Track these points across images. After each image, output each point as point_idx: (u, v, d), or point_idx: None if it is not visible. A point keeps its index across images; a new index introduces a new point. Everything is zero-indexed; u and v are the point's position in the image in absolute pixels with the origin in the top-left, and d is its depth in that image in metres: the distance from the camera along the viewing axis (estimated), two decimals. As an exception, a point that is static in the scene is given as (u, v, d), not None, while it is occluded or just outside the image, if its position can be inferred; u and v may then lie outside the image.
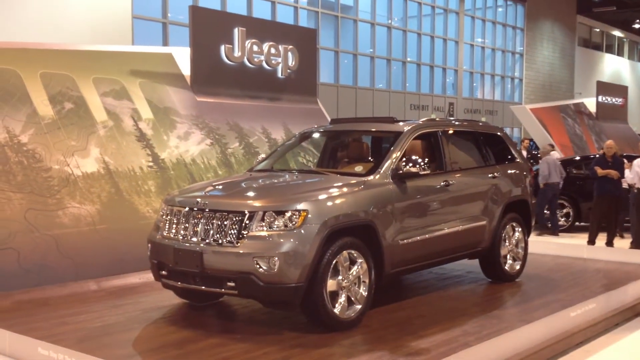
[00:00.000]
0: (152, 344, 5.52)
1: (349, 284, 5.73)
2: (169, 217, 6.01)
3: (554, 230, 12.68)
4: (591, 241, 10.96)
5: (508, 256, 7.59)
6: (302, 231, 5.42)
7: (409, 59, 28.40)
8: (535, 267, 8.23)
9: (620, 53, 44.17)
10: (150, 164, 8.75)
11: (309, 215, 5.46)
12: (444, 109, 29.20)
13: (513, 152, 8.01)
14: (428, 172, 6.46)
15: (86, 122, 8.44)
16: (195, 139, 9.52)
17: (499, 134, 8.04)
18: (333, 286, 5.60)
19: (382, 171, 6.23)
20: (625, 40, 44.47)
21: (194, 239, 5.69)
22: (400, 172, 6.26)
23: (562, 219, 13.19)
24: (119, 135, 8.67)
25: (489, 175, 7.40)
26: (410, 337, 5.50)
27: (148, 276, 7.18)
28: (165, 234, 5.97)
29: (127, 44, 16.75)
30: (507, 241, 7.54)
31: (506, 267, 7.56)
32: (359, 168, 6.53)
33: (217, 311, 6.46)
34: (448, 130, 7.20)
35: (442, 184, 6.74)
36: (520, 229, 7.73)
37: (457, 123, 7.66)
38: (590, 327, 5.97)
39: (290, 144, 7.69)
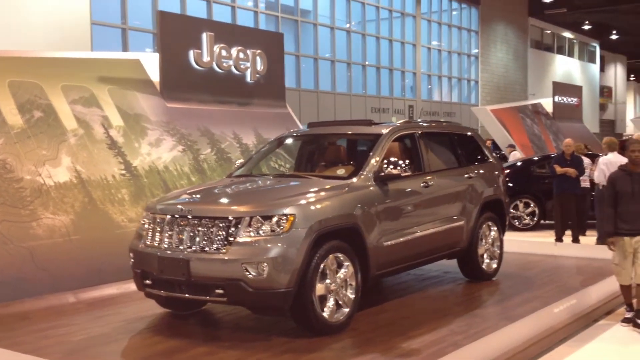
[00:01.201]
0: (140, 354, 5.45)
1: (337, 287, 5.74)
2: (151, 225, 5.94)
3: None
4: (559, 239, 11.19)
5: (485, 255, 7.72)
6: (290, 235, 5.41)
7: (368, 63, 28.60)
8: (509, 266, 8.36)
9: (570, 54, 45.25)
10: (123, 172, 8.62)
11: (297, 220, 5.46)
12: (404, 111, 29.46)
13: (486, 152, 8.14)
14: (409, 173, 6.52)
15: (56, 130, 8.27)
16: (167, 146, 9.42)
17: (471, 134, 8.16)
18: (321, 290, 5.60)
19: (364, 174, 6.27)
20: (575, 41, 45.58)
21: (179, 247, 5.63)
22: (382, 174, 6.31)
23: (528, 218, 13.43)
24: (90, 143, 8.52)
25: (465, 176, 7.51)
26: (400, 339, 5.54)
27: (127, 286, 7.10)
28: (148, 243, 5.89)
29: (86, 50, 16.47)
30: (483, 240, 7.66)
31: (483, 266, 7.68)
32: (341, 171, 6.56)
33: (201, 319, 6.40)
34: (424, 132, 7.28)
35: (421, 185, 6.81)
36: (495, 228, 7.86)
37: (432, 124, 7.76)
38: (573, 322, 6.10)
39: (268, 148, 7.68)
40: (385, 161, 6.38)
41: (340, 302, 5.77)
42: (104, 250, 7.67)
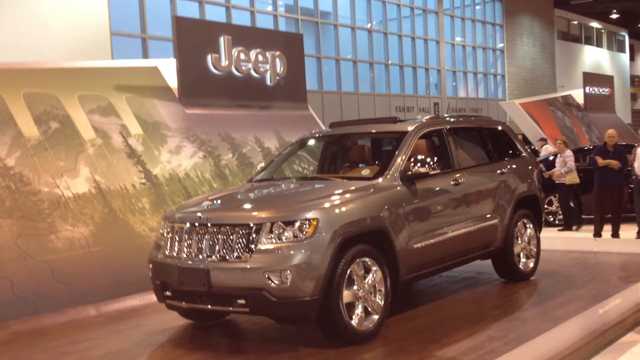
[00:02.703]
0: (161, 370, 5.20)
1: (365, 293, 5.44)
2: (169, 234, 5.70)
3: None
4: (597, 234, 10.74)
5: (521, 254, 7.34)
6: (314, 241, 5.13)
7: (391, 62, 28.23)
8: (547, 264, 7.97)
9: (599, 44, 44.32)
10: (143, 180, 8.42)
11: (320, 224, 5.18)
12: (429, 109, 29.03)
13: (518, 146, 7.77)
14: (437, 171, 6.19)
15: (74, 141, 8.09)
16: (187, 153, 9.20)
17: (503, 128, 7.79)
18: (349, 297, 5.31)
19: (390, 173, 5.96)
20: (603, 31, 44.64)
21: (199, 256, 5.38)
22: (409, 173, 6.00)
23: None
24: (109, 152, 8.34)
25: (498, 172, 7.15)
26: (434, 346, 5.21)
27: (149, 297, 6.87)
28: (167, 253, 5.65)
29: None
30: (519, 239, 7.29)
31: (520, 266, 7.31)
32: (365, 171, 6.25)
33: (225, 330, 6.14)
34: (453, 127, 6.94)
35: (451, 183, 6.47)
36: (531, 225, 7.49)
37: (460, 119, 7.41)
38: (619, 323, 5.71)
39: (289, 151, 7.40)
40: (412, 159, 6.06)
41: (369, 309, 5.47)
42: (125, 261, 7.46)
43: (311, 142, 7.54)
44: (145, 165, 8.58)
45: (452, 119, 7.18)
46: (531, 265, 7.45)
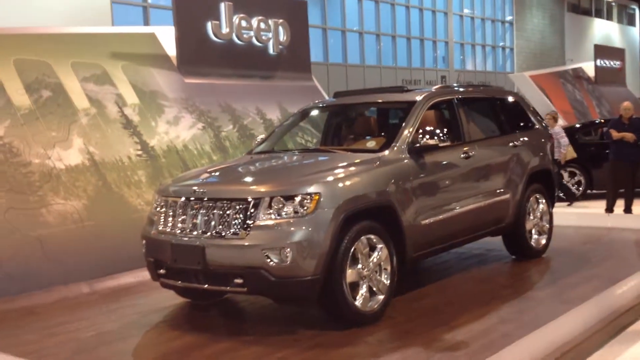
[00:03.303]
0: (153, 352, 4.93)
1: (370, 272, 5.12)
2: (163, 209, 5.38)
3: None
4: (609, 209, 10.39)
5: (533, 230, 7.01)
6: (316, 217, 4.80)
7: (398, 33, 27.68)
8: (559, 240, 7.62)
9: (609, 17, 43.53)
10: (139, 152, 8.09)
11: (322, 199, 4.84)
12: (437, 82, 28.54)
13: (532, 118, 7.39)
14: (447, 143, 5.84)
15: (66, 110, 7.75)
16: (185, 124, 8.85)
17: (515, 98, 7.41)
18: (353, 276, 4.99)
19: (397, 145, 5.61)
20: (613, 4, 43.83)
21: (194, 233, 5.06)
22: (418, 145, 5.65)
23: (574, 188, 12.62)
24: (104, 123, 8.00)
25: (510, 145, 6.79)
26: (443, 329, 4.90)
27: (144, 274, 6.51)
28: (160, 229, 5.34)
29: (107, 30, 15.96)
30: (531, 214, 6.95)
31: (532, 243, 6.98)
32: (371, 143, 5.91)
33: (223, 310, 5.85)
34: (463, 97, 6.57)
35: (462, 156, 6.12)
36: (544, 201, 7.15)
37: (471, 89, 7.04)
38: (638, 304, 5.39)
39: (291, 122, 7.04)
40: (421, 131, 5.71)
41: (374, 289, 5.16)
42: (119, 236, 7.15)
43: (314, 112, 7.19)
44: (141, 137, 8.24)
45: (462, 89, 6.80)
46: (543, 242, 7.12)
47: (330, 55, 24.55)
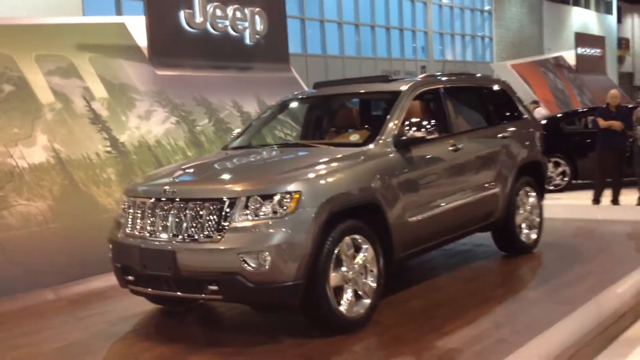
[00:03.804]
0: (122, 367, 4.54)
1: (355, 275, 4.77)
2: (131, 210, 4.98)
3: None
4: (596, 200, 10.15)
5: (523, 225, 6.71)
6: (296, 217, 4.44)
7: (377, 24, 27.33)
8: (549, 234, 7.29)
9: (587, 6, 43.54)
10: (108, 148, 7.66)
11: (303, 198, 4.48)
12: (417, 73, 28.25)
13: (519, 107, 7.08)
14: (435, 135, 5.50)
15: (30, 105, 7.31)
16: (158, 118, 8.44)
17: (502, 87, 7.09)
18: (337, 280, 4.64)
19: (382, 138, 5.26)
20: (591, -8, 43.88)
21: (164, 236, 4.68)
22: (404, 137, 5.30)
23: (558, 178, 12.38)
24: (70, 118, 7.56)
25: (499, 136, 6.48)
26: (434, 335, 4.57)
27: (115, 279, 6.16)
28: (128, 232, 4.94)
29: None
30: (521, 208, 6.65)
31: (522, 238, 6.68)
32: (354, 137, 5.56)
33: (198, 317, 5.47)
34: (450, 87, 6.23)
35: (449, 149, 5.79)
36: (534, 194, 6.84)
37: (457, 78, 6.70)
38: (637, 304, 5.11)
39: (269, 115, 6.66)
40: (407, 123, 5.36)
41: (360, 293, 4.81)
42: (88, 238, 6.73)
43: (293, 104, 6.82)
44: (111, 132, 7.82)
45: (448, 78, 6.46)
46: (534, 236, 6.83)
47: (308, 47, 24.15)
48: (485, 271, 6.30)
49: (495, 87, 6.99)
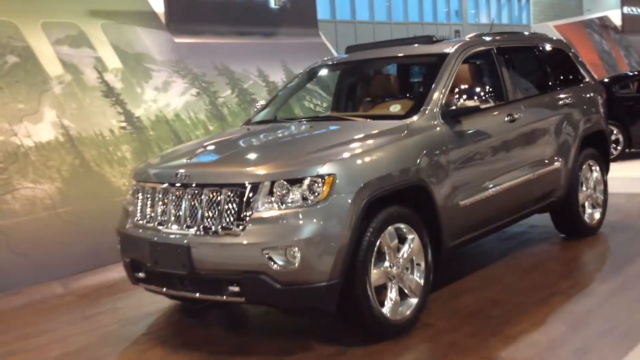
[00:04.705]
0: (130, 381, 3.92)
1: (400, 270, 4.07)
2: (140, 197, 4.33)
3: None
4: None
5: (587, 204, 5.92)
6: (330, 205, 3.73)
7: (408, -12, 26.23)
8: (612, 212, 6.49)
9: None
10: (123, 124, 7.02)
11: (338, 181, 3.77)
12: (451, 38, 27.14)
13: (581, 70, 6.24)
14: (489, 104, 4.73)
15: (36, 78, 6.69)
16: (177, 90, 7.76)
17: (562, 47, 6.24)
18: (379, 277, 3.94)
19: (428, 109, 4.51)
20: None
21: (177, 228, 4.01)
22: (454, 108, 4.54)
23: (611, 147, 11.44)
24: (81, 91, 6.92)
25: (560, 103, 5.66)
26: (496, 341, 3.86)
27: (128, 271, 5.55)
28: (137, 222, 4.30)
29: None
30: (584, 185, 5.86)
31: (585, 218, 5.89)
32: (395, 108, 4.80)
33: (220, 316, 4.83)
34: (503, 47, 5.42)
35: (505, 119, 5.01)
36: (598, 168, 6.05)
37: (511, 37, 5.88)
38: None
39: (296, 84, 5.93)
40: (456, 90, 4.60)
41: (405, 291, 4.11)
42: (100, 224, 6.08)
43: (323, 71, 6.08)
44: (125, 106, 7.17)
45: (501, 37, 5.64)
46: (597, 216, 6.04)
47: (337, 12, 23.21)
48: (544, 258, 5.53)
49: (554, 47, 6.14)
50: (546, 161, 5.39)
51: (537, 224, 6.36)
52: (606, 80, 12.96)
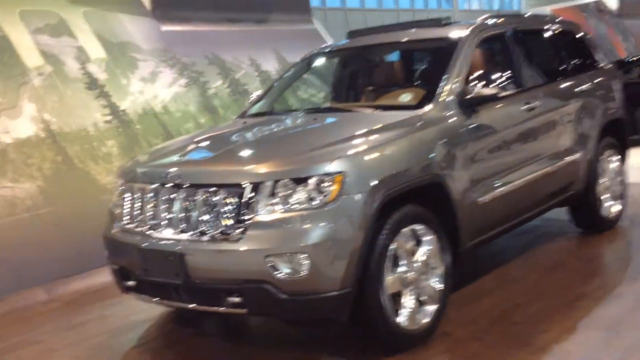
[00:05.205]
0: (120, 404, 3.54)
1: (417, 276, 3.69)
2: (128, 199, 3.93)
3: None
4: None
5: (606, 196, 5.57)
6: (340, 207, 3.35)
7: (398, -27, 25.75)
8: (630, 203, 6.13)
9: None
10: (108, 118, 6.61)
11: (347, 180, 3.38)
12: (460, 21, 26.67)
13: (596, 54, 5.87)
14: (509, 92, 4.36)
15: (14, 70, 6.26)
16: (165, 81, 7.35)
17: (574, 30, 5.86)
18: (394, 284, 3.57)
19: (442, 98, 4.13)
20: None
21: (170, 233, 3.62)
22: (470, 96, 4.16)
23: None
24: (62, 83, 6.50)
25: (577, 90, 5.30)
26: (523, 352, 3.51)
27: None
28: (125, 226, 3.90)
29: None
30: (603, 176, 5.51)
31: (604, 212, 5.54)
32: (405, 97, 4.41)
33: (219, 323, 4.44)
34: (519, 30, 5.03)
35: (523, 108, 4.64)
36: (617, 158, 5.69)
37: (526, 18, 5.53)
38: None
39: (294, 73, 5.53)
40: (472, 77, 4.23)
41: (422, 298, 3.74)
42: (86, 224, 5.70)
43: (323, 59, 5.67)
44: (110, 98, 6.75)
45: (516, 18, 5.26)
46: (617, 209, 5.69)
47: (327, 0, 22.75)
48: (564, 255, 5.18)
49: (568, 30, 5.76)
50: (565, 152, 5.03)
51: (550, 217, 5.97)
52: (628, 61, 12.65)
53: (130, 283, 3.91)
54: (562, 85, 5.22)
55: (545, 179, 4.78)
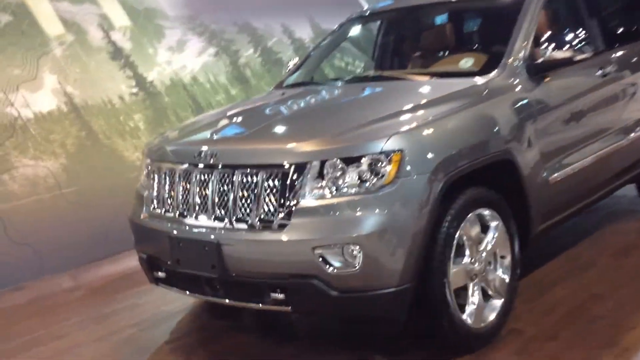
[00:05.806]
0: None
1: (483, 267, 3.24)
2: (156, 180, 3.52)
3: None
4: None
5: (679, 172, 5.04)
6: (398, 190, 2.90)
7: None
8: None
9: None
10: (134, 90, 6.22)
11: (407, 159, 2.93)
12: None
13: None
14: (583, 56, 3.84)
15: (34, 40, 5.87)
16: (193, 50, 6.92)
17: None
18: (459, 277, 3.12)
19: (510, 63, 3.63)
20: None
21: (203, 219, 3.21)
22: (540, 60, 3.66)
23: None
24: (85, 53, 6.11)
25: (651, 54, 4.75)
26: (609, 354, 3.06)
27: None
28: (153, 211, 3.50)
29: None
30: (677, 150, 4.97)
31: (678, 189, 5.03)
32: (467, 62, 3.91)
33: (258, 317, 4.04)
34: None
35: (598, 73, 4.12)
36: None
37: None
38: None
39: (333, 40, 5.05)
40: (541, 40, 3.73)
41: (488, 291, 3.30)
42: (113, 204, 5.33)
43: (365, 24, 5.18)
44: (136, 69, 6.36)
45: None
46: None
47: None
48: (635, 238, 4.67)
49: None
50: (638, 124, 4.50)
51: (616, 193, 5.47)
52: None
53: (161, 274, 3.52)
54: (635, 48, 4.66)
55: (619, 153, 4.28)
